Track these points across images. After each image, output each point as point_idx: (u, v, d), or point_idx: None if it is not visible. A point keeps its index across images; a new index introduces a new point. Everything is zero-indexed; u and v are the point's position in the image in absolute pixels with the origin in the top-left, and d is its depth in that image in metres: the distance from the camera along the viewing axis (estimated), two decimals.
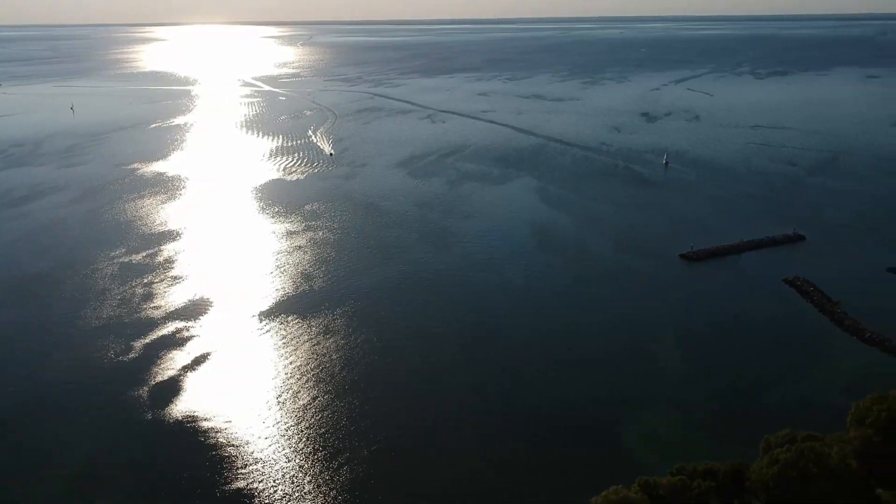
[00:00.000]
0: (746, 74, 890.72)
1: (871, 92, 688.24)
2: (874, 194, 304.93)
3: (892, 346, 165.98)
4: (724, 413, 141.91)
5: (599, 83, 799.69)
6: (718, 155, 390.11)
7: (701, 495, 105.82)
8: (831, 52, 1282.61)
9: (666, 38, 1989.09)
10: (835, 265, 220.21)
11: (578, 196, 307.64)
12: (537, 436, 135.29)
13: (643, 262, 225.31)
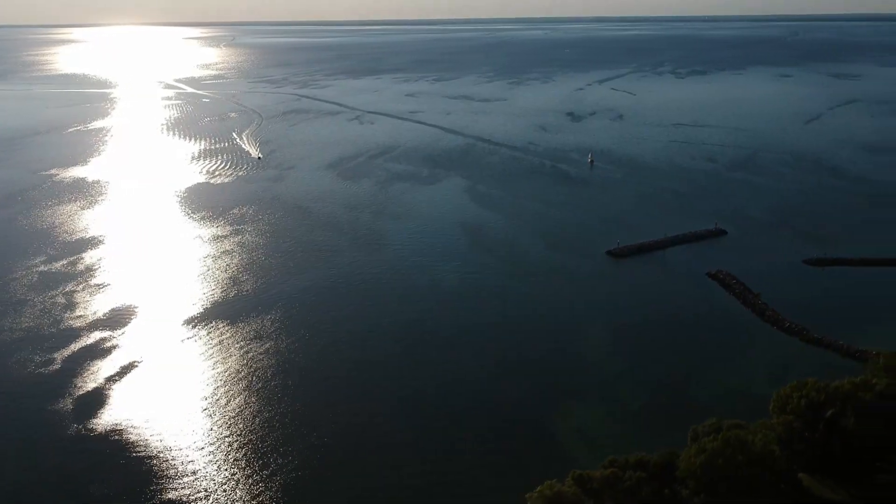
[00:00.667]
0: (667, 74, 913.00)
1: (784, 90, 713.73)
2: (790, 189, 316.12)
3: (811, 335, 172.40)
4: (654, 404, 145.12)
5: (525, 83, 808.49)
6: (642, 153, 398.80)
7: (633, 486, 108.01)
8: (746, 53, 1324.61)
9: (589, 39, 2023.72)
10: (755, 258, 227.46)
11: (507, 195, 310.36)
12: (472, 433, 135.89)
13: (572, 259, 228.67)
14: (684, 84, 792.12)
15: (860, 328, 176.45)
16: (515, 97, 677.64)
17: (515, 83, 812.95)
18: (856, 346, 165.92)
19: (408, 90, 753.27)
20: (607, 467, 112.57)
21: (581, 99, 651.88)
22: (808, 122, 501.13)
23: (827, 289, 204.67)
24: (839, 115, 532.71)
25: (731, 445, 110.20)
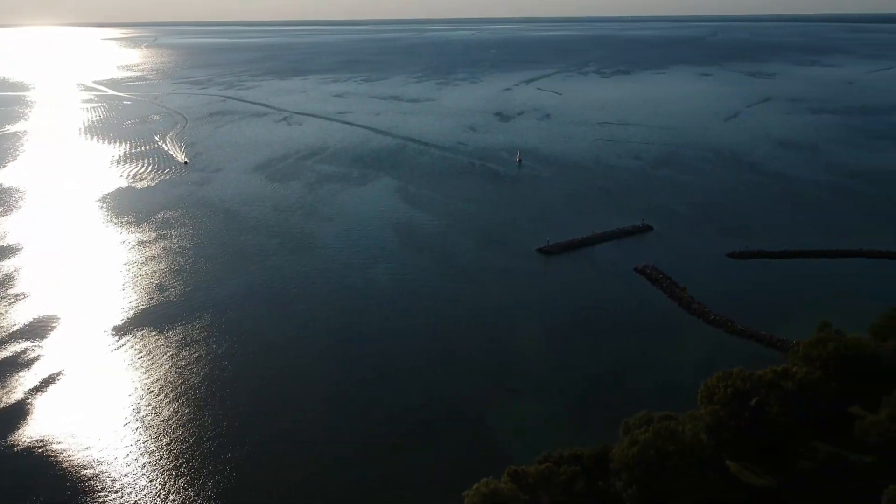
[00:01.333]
0: (592, 74, 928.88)
1: (704, 89, 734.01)
2: (712, 185, 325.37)
3: (735, 326, 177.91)
4: (587, 399, 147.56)
5: (453, 84, 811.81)
6: (569, 151, 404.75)
7: (567, 480, 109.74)
8: (668, 52, 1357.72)
9: (515, 40, 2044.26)
10: (680, 253, 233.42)
11: (438, 195, 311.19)
12: (408, 432, 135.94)
13: (503, 258, 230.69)
14: (609, 83, 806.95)
15: (781, 318, 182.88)
16: (444, 97, 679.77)
17: (443, 83, 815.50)
18: (777, 335, 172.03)
19: (336, 91, 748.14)
20: (542, 462, 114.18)
21: (508, 99, 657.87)
22: (728, 120, 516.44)
23: (749, 281, 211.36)
24: (756, 113, 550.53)
25: (662, 436, 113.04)
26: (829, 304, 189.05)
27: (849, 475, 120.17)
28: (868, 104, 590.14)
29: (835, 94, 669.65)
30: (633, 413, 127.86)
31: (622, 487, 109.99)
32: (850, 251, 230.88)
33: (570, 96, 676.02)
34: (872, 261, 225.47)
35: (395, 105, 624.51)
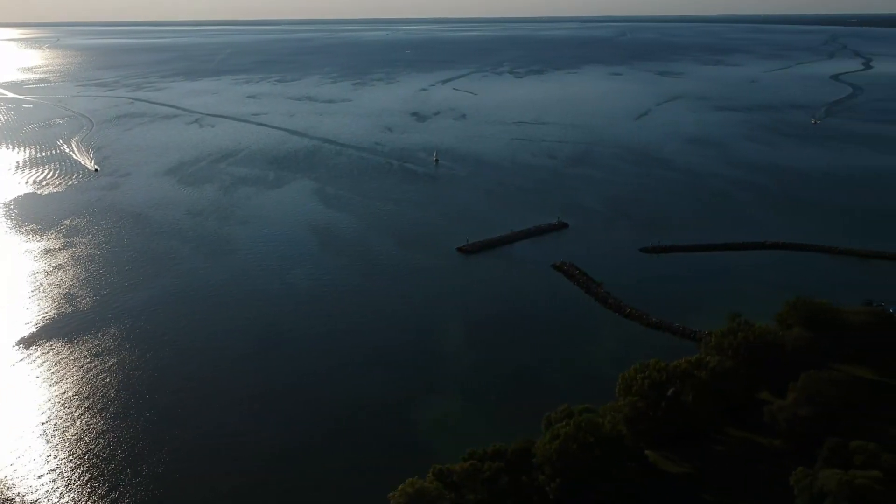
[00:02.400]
0: (507, 74, 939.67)
1: (616, 88, 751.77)
2: (624, 181, 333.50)
3: (650, 319, 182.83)
4: (509, 395, 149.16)
5: (369, 84, 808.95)
6: (486, 151, 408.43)
7: (491, 477, 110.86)
8: (580, 52, 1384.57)
9: (430, 40, 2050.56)
10: (596, 248, 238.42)
11: (357, 196, 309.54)
12: (332, 434, 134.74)
13: (423, 257, 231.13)
14: (523, 83, 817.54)
15: (693, 310, 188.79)
16: (360, 98, 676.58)
17: (359, 84, 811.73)
18: (690, 327, 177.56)
19: (249, 92, 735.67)
20: (467, 460, 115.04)
21: (425, 99, 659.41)
22: (639, 118, 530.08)
23: (662, 275, 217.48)
24: (665, 111, 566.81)
25: (583, 429, 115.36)
26: (737, 295, 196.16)
27: (760, 459, 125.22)
28: (769, 102, 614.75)
29: (738, 92, 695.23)
30: (555, 407, 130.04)
31: (545, 481, 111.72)
32: (755, 243, 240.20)
33: (486, 96, 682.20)
34: (776, 252, 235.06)
35: (310, 106, 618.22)
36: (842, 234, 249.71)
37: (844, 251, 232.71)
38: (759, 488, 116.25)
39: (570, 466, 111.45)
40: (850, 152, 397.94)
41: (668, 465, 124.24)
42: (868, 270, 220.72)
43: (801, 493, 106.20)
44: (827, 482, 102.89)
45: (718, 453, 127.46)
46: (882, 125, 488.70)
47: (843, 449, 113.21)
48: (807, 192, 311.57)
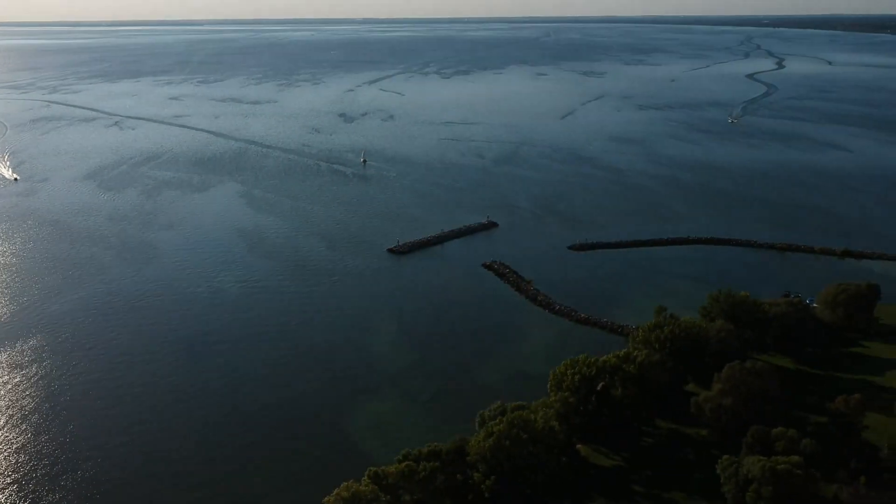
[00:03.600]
0: (433, 74, 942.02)
1: (541, 88, 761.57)
2: (552, 180, 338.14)
3: (579, 315, 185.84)
4: (443, 394, 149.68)
5: (295, 85, 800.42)
6: (414, 151, 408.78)
7: (427, 477, 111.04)
8: (506, 53, 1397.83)
9: (356, 41, 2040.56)
10: (525, 247, 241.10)
11: (285, 197, 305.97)
12: (265, 439, 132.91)
13: (354, 259, 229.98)
14: (450, 83, 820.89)
15: (621, 305, 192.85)
16: (286, 99, 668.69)
17: (285, 85, 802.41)
18: (618, 322, 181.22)
19: (171, 93, 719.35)
20: (402, 461, 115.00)
21: (352, 100, 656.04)
22: (564, 117, 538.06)
23: (590, 271, 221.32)
24: (590, 110, 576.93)
25: (516, 426, 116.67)
26: (663, 289, 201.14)
27: (688, 448, 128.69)
28: (689, 100, 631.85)
29: (660, 91, 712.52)
30: (488, 405, 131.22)
31: (480, 479, 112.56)
32: (679, 239, 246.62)
33: (413, 97, 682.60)
34: (699, 247, 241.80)
35: (235, 107, 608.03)
36: (760, 228, 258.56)
37: (763, 245, 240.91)
38: (686, 477, 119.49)
39: (505, 463, 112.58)
40: (766, 148, 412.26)
41: (599, 458, 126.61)
42: (785, 263, 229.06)
43: (727, 481, 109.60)
44: (751, 468, 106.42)
45: (647, 445, 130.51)
46: (794, 122, 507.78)
47: (765, 436, 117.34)
48: (727, 188, 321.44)
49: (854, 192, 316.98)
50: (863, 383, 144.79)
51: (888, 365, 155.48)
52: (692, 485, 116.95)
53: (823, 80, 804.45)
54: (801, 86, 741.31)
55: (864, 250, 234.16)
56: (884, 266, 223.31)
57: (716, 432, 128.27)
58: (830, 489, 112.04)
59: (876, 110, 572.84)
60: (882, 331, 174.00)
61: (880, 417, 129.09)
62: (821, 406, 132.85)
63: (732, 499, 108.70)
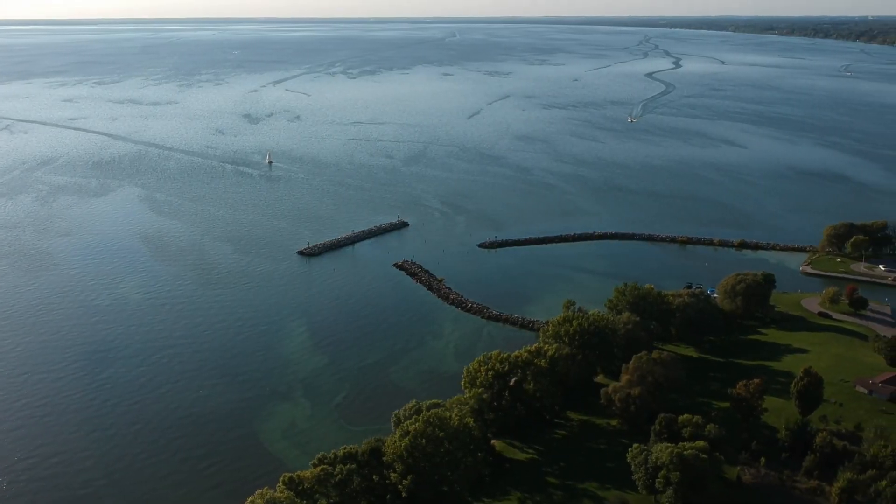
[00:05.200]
0: (340, 74, 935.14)
1: (448, 88, 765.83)
2: (460, 179, 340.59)
3: (491, 312, 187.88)
4: (357, 396, 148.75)
5: (197, 86, 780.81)
6: (322, 151, 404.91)
7: (343, 480, 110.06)
8: (411, 52, 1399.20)
9: (260, 40, 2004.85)
10: (436, 246, 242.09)
11: (188, 201, 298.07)
12: (175, 449, 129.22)
13: (264, 262, 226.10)
14: (357, 83, 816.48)
15: (531, 301, 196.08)
16: (188, 100, 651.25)
17: (186, 85, 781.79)
18: (529, 317, 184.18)
19: (66, 95, 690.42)
20: (317, 465, 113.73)
21: (256, 100, 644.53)
22: (471, 117, 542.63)
23: (500, 268, 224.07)
24: (496, 109, 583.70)
25: (432, 424, 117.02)
26: (571, 284, 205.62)
27: (599, 439, 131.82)
28: (591, 99, 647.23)
29: (563, 90, 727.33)
30: (403, 404, 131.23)
31: (397, 478, 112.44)
32: (585, 235, 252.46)
33: (320, 97, 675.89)
34: (604, 242, 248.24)
35: (134, 109, 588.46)
36: (662, 222, 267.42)
37: (665, 238, 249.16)
38: (599, 467, 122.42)
39: (422, 461, 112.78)
40: (666, 145, 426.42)
41: (514, 452, 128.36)
42: (686, 255, 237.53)
43: (637, 469, 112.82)
44: (660, 455, 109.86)
45: (560, 437, 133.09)
46: (691, 119, 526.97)
47: (672, 423, 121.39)
48: (629, 184, 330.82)
49: (748, 185, 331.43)
50: (761, 368, 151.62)
51: (783, 350, 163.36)
52: (604, 474, 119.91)
53: (717, 79, 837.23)
54: (697, 84, 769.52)
55: (760, 241, 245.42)
56: (777, 256, 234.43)
57: (625, 422, 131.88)
58: (734, 471, 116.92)
59: (766, 108, 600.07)
60: (777, 318, 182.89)
61: (778, 400, 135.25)
62: (723, 392, 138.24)
63: (643, 485, 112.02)
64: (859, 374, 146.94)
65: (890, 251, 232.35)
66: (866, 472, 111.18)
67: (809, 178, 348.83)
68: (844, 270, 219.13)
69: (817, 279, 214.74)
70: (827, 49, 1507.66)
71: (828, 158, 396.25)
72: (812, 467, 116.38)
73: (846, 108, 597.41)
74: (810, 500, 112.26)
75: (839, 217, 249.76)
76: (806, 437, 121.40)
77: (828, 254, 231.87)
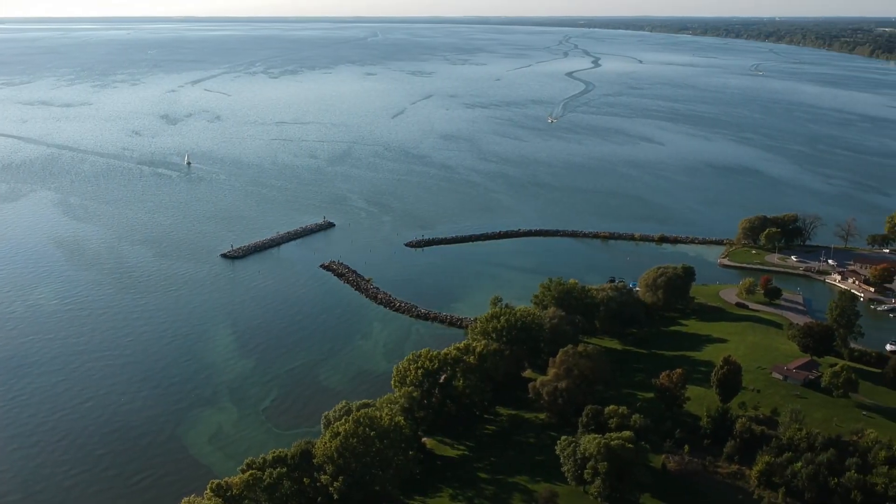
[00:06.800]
0: (260, 74, 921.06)
1: (371, 87, 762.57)
2: (386, 178, 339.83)
3: (419, 311, 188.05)
4: (286, 399, 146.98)
5: (112, 86, 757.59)
6: (244, 152, 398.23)
7: (273, 484, 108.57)
8: (333, 52, 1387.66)
9: (177, 39, 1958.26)
10: (363, 246, 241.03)
11: (105, 205, 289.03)
12: (96, 461, 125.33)
13: (186, 266, 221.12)
14: (279, 83, 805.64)
15: (459, 298, 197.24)
16: (102, 101, 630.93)
17: (101, 86, 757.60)
18: (457, 315, 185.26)
19: None
20: (246, 470, 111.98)
21: (175, 101, 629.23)
22: (395, 116, 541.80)
23: (427, 267, 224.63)
24: (420, 109, 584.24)
25: (363, 424, 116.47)
26: (498, 281, 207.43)
27: (528, 433, 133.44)
28: (514, 98, 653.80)
29: (485, 89, 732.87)
30: (333, 406, 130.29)
31: (328, 480, 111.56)
32: (510, 232, 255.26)
33: (241, 97, 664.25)
34: (529, 239, 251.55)
35: (45, 111, 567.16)
36: (584, 218, 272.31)
37: (588, 234, 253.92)
38: (528, 460, 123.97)
39: (353, 462, 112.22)
40: (586, 143, 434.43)
41: (445, 449, 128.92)
42: (609, 250, 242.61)
43: (566, 460, 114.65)
44: (588, 447, 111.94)
45: (491, 432, 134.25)
46: (610, 117, 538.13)
47: (599, 415, 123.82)
48: (551, 182, 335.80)
49: (667, 181, 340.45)
50: (682, 359, 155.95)
51: (704, 340, 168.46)
52: (534, 467, 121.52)
53: (635, 78, 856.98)
54: (616, 83, 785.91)
55: (679, 235, 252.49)
56: (696, 249, 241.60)
57: (554, 415, 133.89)
58: (659, 459, 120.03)
59: (682, 105, 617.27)
60: (697, 309, 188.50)
61: (699, 389, 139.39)
62: (647, 383, 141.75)
63: (572, 477, 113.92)
64: (775, 361, 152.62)
65: (801, 242, 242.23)
66: (783, 454, 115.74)
67: (725, 173, 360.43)
68: (759, 262, 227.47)
69: (734, 271, 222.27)
70: (738, 49, 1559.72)
71: (742, 154, 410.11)
72: (732, 452, 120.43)
73: (758, 106, 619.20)
74: (731, 483, 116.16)
75: (753, 210, 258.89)
76: (727, 423, 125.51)
77: (743, 246, 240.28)
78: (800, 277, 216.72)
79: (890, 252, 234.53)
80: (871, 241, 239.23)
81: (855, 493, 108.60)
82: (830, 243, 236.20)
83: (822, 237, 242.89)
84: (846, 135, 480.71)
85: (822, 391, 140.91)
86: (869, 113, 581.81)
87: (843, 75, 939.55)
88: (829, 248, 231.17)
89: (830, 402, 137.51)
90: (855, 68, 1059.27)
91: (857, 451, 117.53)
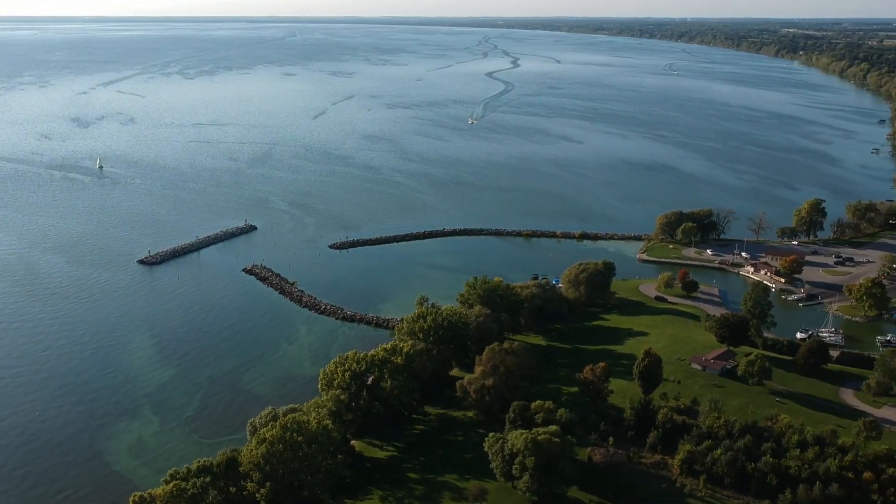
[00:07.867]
0: (175, 74, 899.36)
1: (291, 88, 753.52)
2: (308, 180, 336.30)
3: (345, 313, 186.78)
4: (210, 407, 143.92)
5: (18, 88, 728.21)
6: (161, 155, 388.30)
7: (198, 494, 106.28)
8: (250, 52, 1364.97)
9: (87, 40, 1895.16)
10: (286, 249, 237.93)
11: (12, 212, 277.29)
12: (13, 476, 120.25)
13: (102, 273, 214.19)
14: (195, 84, 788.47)
15: (385, 299, 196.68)
16: (8, 103, 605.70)
17: (6, 88, 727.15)
18: (384, 315, 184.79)
19: None
20: (169, 481, 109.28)
21: (86, 103, 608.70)
22: (317, 117, 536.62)
23: (352, 269, 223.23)
24: (341, 110, 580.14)
25: (290, 429, 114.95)
26: (423, 281, 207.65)
27: (457, 431, 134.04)
28: (435, 98, 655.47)
29: (406, 90, 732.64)
30: (259, 412, 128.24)
31: (254, 488, 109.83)
32: (434, 232, 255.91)
33: (156, 98, 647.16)
34: (453, 238, 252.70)
35: None
36: (507, 217, 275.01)
37: (511, 232, 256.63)
38: (457, 459, 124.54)
39: (280, 468, 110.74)
40: (507, 142, 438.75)
41: (374, 451, 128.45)
42: (532, 247, 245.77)
43: (494, 457, 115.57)
44: (515, 442, 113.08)
45: (419, 432, 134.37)
46: (530, 117, 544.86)
47: (526, 410, 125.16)
48: (473, 181, 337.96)
49: (586, 179, 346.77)
50: (605, 353, 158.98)
51: (625, 334, 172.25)
52: (463, 465, 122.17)
53: (553, 78, 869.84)
54: (535, 83, 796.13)
55: (599, 232, 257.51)
56: (616, 245, 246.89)
57: (481, 412, 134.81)
58: (585, 452, 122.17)
59: (599, 104, 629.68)
60: (618, 304, 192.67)
61: (622, 382, 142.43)
62: (571, 377, 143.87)
63: (500, 473, 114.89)
64: (694, 352, 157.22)
65: (716, 236, 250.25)
66: (703, 442, 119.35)
67: (642, 170, 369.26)
68: (676, 256, 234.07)
69: (653, 265, 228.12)
70: (652, 48, 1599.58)
71: (657, 151, 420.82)
72: (656, 443, 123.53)
73: (672, 104, 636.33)
74: (655, 473, 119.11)
75: (670, 206, 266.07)
76: (649, 414, 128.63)
77: (661, 241, 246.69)
78: (715, 270, 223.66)
79: (798, 244, 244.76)
80: (781, 233, 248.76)
81: (770, 477, 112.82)
82: (743, 237, 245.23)
83: (735, 231, 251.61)
84: (755, 131, 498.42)
85: (739, 380, 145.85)
86: (775, 110, 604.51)
87: (751, 74, 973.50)
88: (742, 242, 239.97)
89: (746, 390, 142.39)
90: (762, 67, 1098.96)
91: (771, 436, 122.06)
